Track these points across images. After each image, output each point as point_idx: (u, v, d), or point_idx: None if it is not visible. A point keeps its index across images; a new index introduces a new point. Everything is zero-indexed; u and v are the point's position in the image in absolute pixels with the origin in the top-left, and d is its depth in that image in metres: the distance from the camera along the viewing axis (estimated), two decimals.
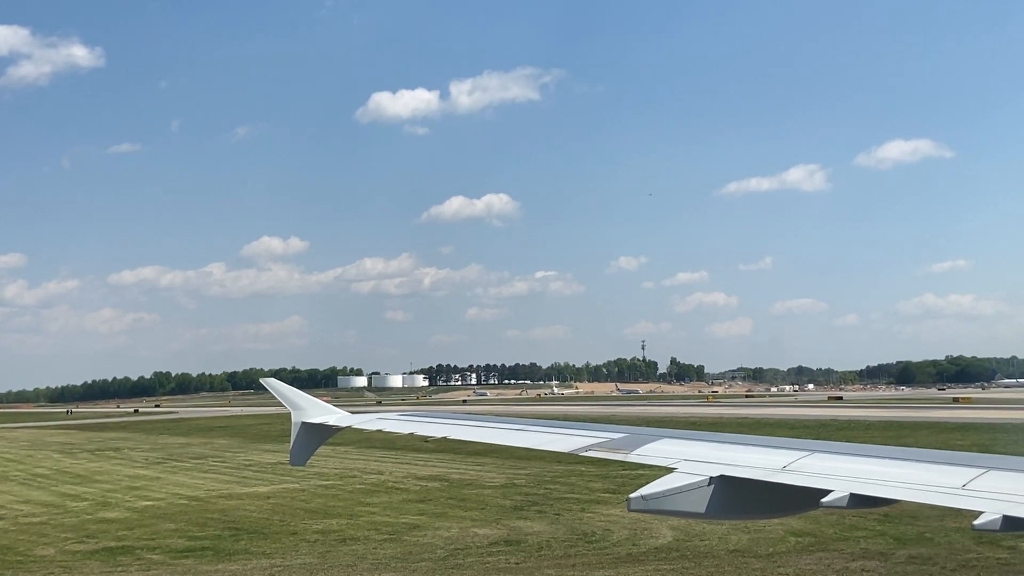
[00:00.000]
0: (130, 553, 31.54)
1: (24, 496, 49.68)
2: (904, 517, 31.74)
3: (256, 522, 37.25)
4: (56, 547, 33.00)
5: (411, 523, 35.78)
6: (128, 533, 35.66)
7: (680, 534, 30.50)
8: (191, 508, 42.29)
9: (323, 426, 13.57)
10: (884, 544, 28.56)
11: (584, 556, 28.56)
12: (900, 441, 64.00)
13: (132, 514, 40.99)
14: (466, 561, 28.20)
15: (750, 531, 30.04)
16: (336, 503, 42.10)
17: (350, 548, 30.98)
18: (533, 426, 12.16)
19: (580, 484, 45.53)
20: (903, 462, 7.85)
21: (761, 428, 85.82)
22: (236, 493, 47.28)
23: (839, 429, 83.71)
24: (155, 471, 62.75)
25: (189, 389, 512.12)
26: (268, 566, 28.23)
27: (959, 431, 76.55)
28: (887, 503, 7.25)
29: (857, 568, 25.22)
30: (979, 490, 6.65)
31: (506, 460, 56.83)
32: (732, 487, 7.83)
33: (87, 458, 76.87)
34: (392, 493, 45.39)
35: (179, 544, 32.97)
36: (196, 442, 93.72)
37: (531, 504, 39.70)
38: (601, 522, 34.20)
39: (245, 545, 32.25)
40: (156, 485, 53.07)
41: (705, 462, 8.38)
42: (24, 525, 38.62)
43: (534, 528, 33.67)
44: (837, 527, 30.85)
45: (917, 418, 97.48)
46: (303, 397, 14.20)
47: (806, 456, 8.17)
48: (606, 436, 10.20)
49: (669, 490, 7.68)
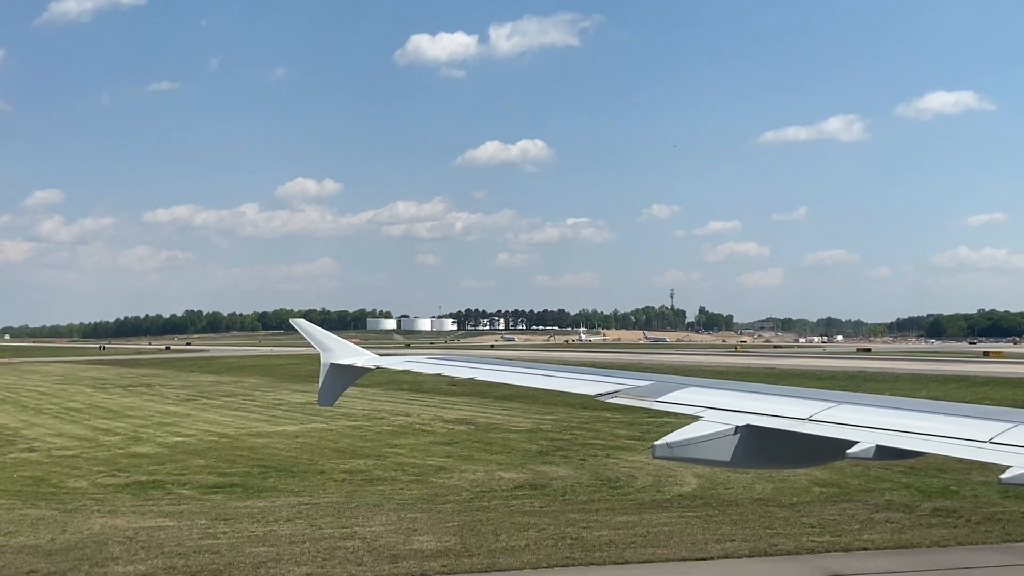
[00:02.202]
0: (161, 487, 32.02)
1: (57, 429, 50.43)
2: (930, 470, 31.71)
3: (284, 460, 37.67)
4: (88, 480, 33.54)
5: (437, 465, 36.08)
6: (159, 468, 36.18)
7: (704, 482, 30.60)
8: (221, 445, 42.81)
9: (352, 367, 13.64)
10: (909, 496, 28.56)
11: (608, 502, 28.74)
12: (928, 394, 63.71)
13: (163, 449, 41.55)
14: (491, 504, 28.44)
15: (774, 481, 30.10)
16: (363, 444, 42.48)
17: (377, 488, 31.29)
18: (559, 371, 12.18)
19: (605, 430, 45.71)
20: (930, 415, 7.82)
21: (788, 379, 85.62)
22: (265, 431, 47.80)
23: (867, 381, 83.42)
24: (186, 408, 63.51)
25: (220, 328, 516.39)
26: (296, 504, 28.58)
27: (988, 385, 76.14)
28: (913, 455, 7.22)
29: (881, 519, 25.25)
30: (1007, 444, 6.62)
31: (532, 405, 57.10)
32: (758, 436, 7.83)
33: (119, 393, 77.85)
34: (419, 435, 45.75)
35: (209, 480, 33.42)
36: (226, 380, 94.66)
37: (556, 449, 39.92)
38: (626, 468, 34.36)
39: (273, 483, 32.65)
40: (187, 422, 53.73)
41: (731, 411, 8.37)
42: (57, 458, 39.25)
43: (559, 473, 33.88)
44: (862, 478, 30.86)
45: (946, 371, 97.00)
46: (332, 338, 14.26)
47: (833, 407, 8.15)
48: (632, 383, 10.21)
49: (694, 438, 7.68)
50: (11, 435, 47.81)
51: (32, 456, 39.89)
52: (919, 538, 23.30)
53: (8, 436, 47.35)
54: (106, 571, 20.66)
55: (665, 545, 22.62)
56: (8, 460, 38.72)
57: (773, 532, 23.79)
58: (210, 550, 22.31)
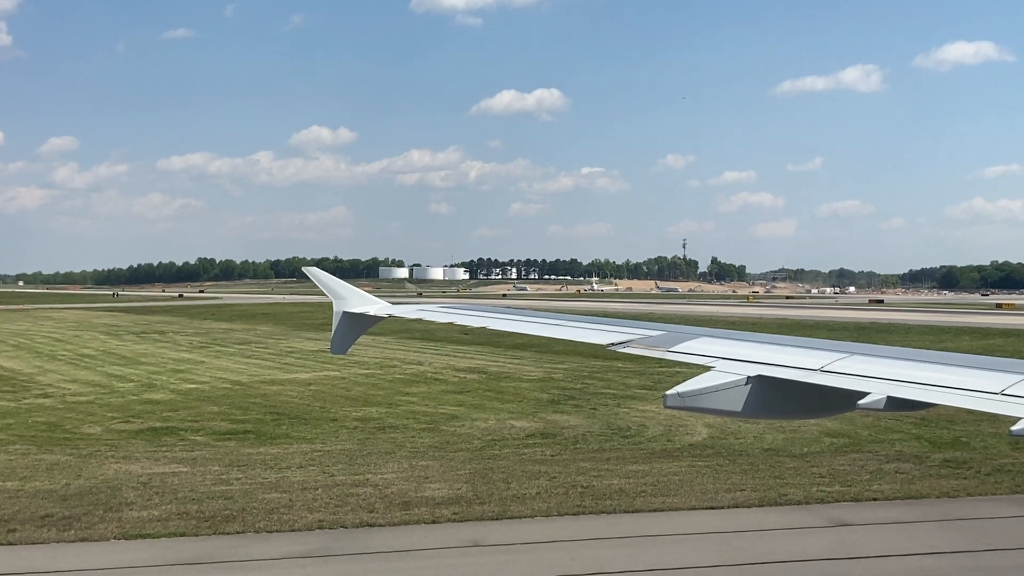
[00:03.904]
0: (174, 434, 32.27)
1: (72, 376, 50.78)
2: (941, 421, 31.76)
3: (297, 408, 37.91)
4: (103, 426, 33.82)
5: (449, 413, 36.26)
6: (172, 415, 36.45)
7: (715, 432, 30.72)
8: (234, 392, 43.08)
9: (364, 316, 13.63)
10: (919, 447, 28.63)
11: (619, 451, 28.88)
12: (940, 346, 63.62)
13: (176, 396, 41.83)
14: (502, 452, 28.61)
15: (785, 431, 30.20)
16: (376, 392, 42.70)
17: (389, 436, 31.49)
18: (571, 321, 12.17)
19: (617, 380, 45.83)
20: (941, 366, 7.77)
21: (800, 329, 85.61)
22: (278, 379, 48.06)
23: (879, 332, 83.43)
24: (199, 355, 63.85)
25: (233, 276, 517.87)
26: (308, 451, 28.80)
27: (1000, 336, 76.09)
28: (924, 407, 7.19)
29: (891, 470, 25.33)
30: (1018, 396, 6.58)
31: (544, 355, 57.26)
32: (769, 387, 7.81)
33: (133, 340, 78.28)
34: (431, 384, 45.95)
35: (222, 427, 33.66)
36: (239, 328, 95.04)
37: (568, 398, 40.08)
38: (637, 418, 34.49)
39: (286, 430, 32.88)
40: (200, 369, 54.04)
41: (743, 361, 8.33)
42: (72, 404, 39.56)
43: (570, 422, 34.03)
44: (873, 429, 30.93)
45: (958, 323, 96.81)
46: (345, 287, 14.25)
47: (844, 358, 8.11)
48: (644, 333, 10.18)
49: (706, 388, 7.66)
50: (26, 381, 48.18)
51: (47, 402, 40.21)
52: (928, 489, 23.39)
53: (23, 382, 47.72)
54: (120, 516, 20.88)
55: (675, 494, 22.75)
56: (23, 406, 39.04)
57: (783, 482, 23.90)
58: (223, 496, 22.52)
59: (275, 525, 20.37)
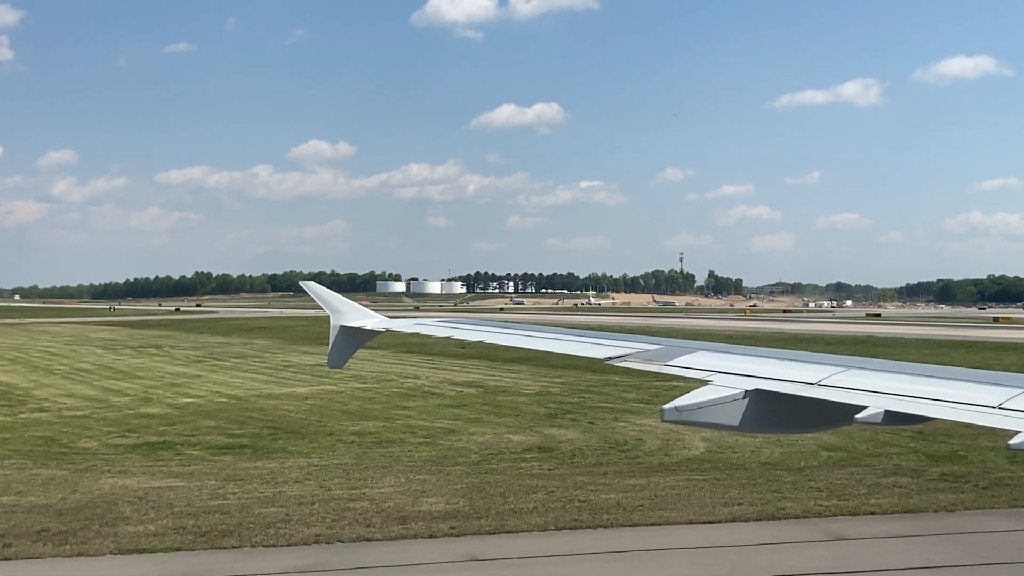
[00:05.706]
0: (171, 448, 32.20)
1: (68, 390, 50.68)
2: (938, 435, 31.74)
3: (294, 422, 37.84)
4: (99, 440, 33.74)
5: (446, 428, 36.20)
6: (169, 429, 36.37)
7: (713, 446, 30.68)
8: (231, 406, 43.00)
9: (361, 330, 13.63)
10: (916, 461, 28.60)
11: (616, 465, 28.83)
12: (937, 359, 63.65)
13: (173, 410, 41.75)
14: (499, 466, 28.55)
15: (783, 445, 30.16)
16: (373, 406, 42.64)
17: (385, 450, 31.42)
18: (568, 335, 12.16)
19: (614, 394, 45.80)
20: (939, 380, 7.76)
21: (798, 343, 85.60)
22: (275, 393, 47.99)
23: (876, 346, 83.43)
24: (196, 369, 63.76)
25: (229, 290, 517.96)
26: (305, 465, 28.72)
27: (998, 351, 76.12)
28: (921, 420, 7.18)
29: (889, 484, 25.29)
30: (1015, 409, 6.57)
31: (541, 368, 57.23)
32: (766, 401, 7.80)
33: (129, 354, 78.17)
34: (428, 398, 45.88)
35: (218, 441, 33.59)
36: (236, 342, 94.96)
37: (565, 412, 40.03)
38: (634, 432, 34.45)
39: (283, 444, 32.81)
40: (197, 383, 53.95)
41: (740, 375, 8.32)
42: (68, 418, 39.47)
43: (567, 436, 33.98)
44: (870, 443, 30.90)
45: (956, 337, 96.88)
46: (342, 301, 14.25)
47: (842, 372, 8.10)
48: (641, 347, 10.17)
49: (703, 402, 7.64)
50: (22, 395, 48.09)
51: (43, 416, 40.12)
52: (926, 503, 23.34)
53: (19, 396, 47.63)
54: (116, 530, 20.80)
55: (673, 508, 22.69)
56: (19, 420, 38.95)
57: (781, 496, 23.85)
58: (220, 510, 22.44)
59: (272, 540, 20.27)
